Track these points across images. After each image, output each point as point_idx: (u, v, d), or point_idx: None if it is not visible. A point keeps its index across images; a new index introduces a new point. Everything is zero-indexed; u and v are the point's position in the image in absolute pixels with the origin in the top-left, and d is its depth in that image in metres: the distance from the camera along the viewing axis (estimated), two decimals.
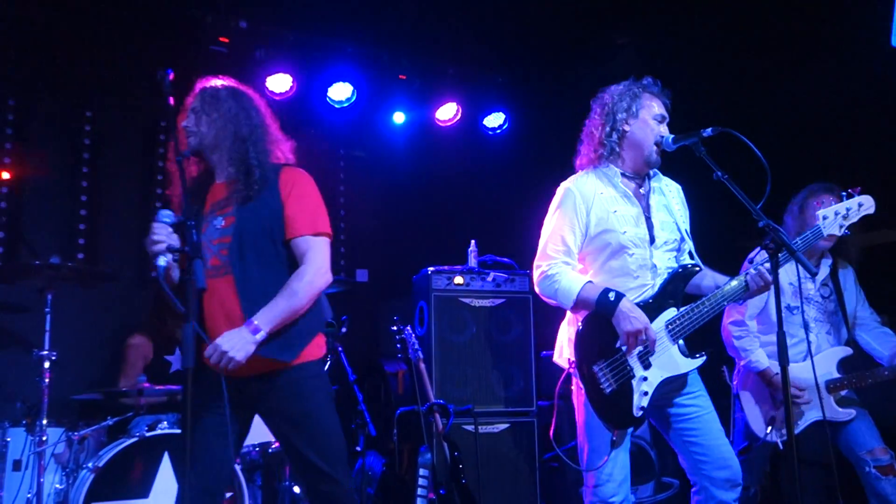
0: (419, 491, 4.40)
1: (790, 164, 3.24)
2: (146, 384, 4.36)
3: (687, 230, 3.22)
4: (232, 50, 5.56)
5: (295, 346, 2.76)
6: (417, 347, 4.66)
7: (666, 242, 3.12)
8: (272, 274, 2.74)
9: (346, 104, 6.01)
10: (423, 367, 4.63)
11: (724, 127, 2.91)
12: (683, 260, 3.20)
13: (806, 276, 3.80)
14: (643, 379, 2.96)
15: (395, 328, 4.70)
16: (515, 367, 5.22)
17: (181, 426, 2.76)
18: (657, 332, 2.98)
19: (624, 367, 2.97)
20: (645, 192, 3.18)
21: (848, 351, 3.89)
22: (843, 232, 3.24)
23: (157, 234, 2.52)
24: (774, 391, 3.84)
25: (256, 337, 2.61)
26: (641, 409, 2.95)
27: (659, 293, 3.04)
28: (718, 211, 3.78)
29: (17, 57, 5.26)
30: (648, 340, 2.93)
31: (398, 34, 5.93)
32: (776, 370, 3.69)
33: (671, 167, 3.27)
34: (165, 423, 4.18)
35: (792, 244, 2.79)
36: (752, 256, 3.70)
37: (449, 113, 6.51)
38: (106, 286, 5.00)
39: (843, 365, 3.85)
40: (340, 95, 5.99)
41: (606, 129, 3.15)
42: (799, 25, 5.11)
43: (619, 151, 3.15)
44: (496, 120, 6.66)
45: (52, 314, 4.17)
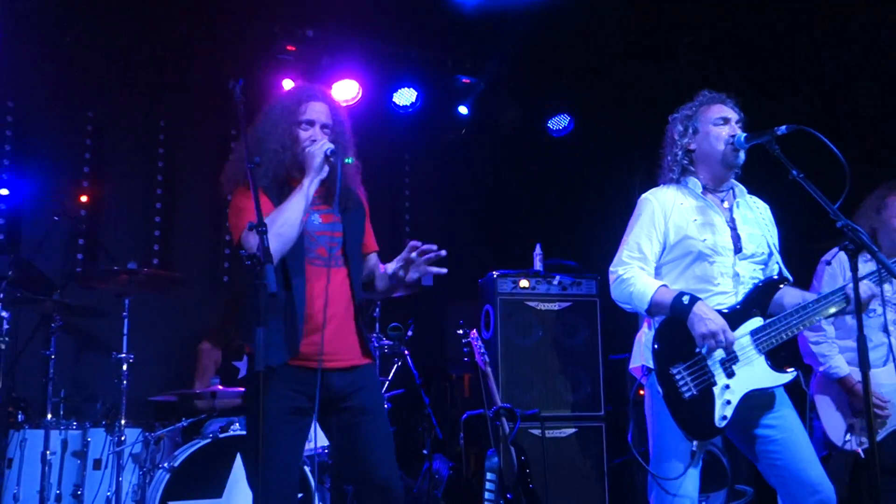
0: (486, 495, 4.39)
1: (863, 163, 3.12)
2: (219, 387, 4.46)
3: (776, 245, 3.13)
4: (299, 57, 5.68)
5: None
6: (483, 351, 4.66)
7: (753, 255, 3.04)
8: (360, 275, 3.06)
9: (409, 108, 6.06)
10: (489, 371, 4.63)
11: (798, 124, 2.83)
12: (771, 273, 3.11)
13: (887, 277, 3.65)
14: (726, 387, 2.86)
15: (461, 332, 4.71)
16: (582, 370, 5.17)
17: (249, 429, 2.84)
18: (742, 341, 2.89)
19: (704, 371, 2.88)
20: (729, 205, 3.12)
21: None
22: None
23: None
24: (854, 399, 3.70)
25: None
26: (724, 418, 2.84)
27: (744, 301, 2.95)
28: (791, 212, 3.67)
29: (93, 69, 5.45)
30: (727, 343, 2.84)
31: (459, 37, 5.94)
32: (857, 377, 3.56)
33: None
34: (237, 424, 4.26)
35: (892, 265, 2.66)
36: (827, 258, 3.58)
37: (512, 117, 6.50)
38: (180, 291, 5.13)
39: None
40: (405, 100, 6.04)
41: (674, 152, 3.14)
42: (876, 17, 4.94)
43: (693, 169, 3.12)
44: (560, 122, 6.62)
45: (129, 318, 4.32)
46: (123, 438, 4.14)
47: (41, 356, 4.43)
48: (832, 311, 2.88)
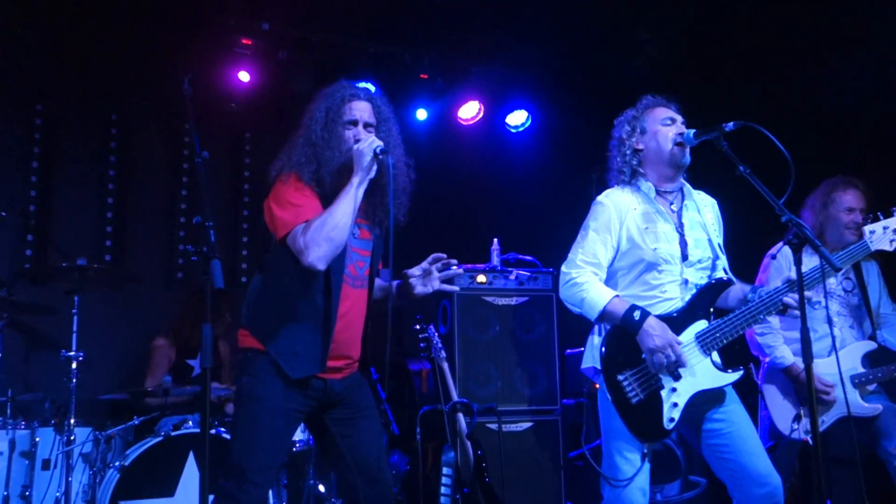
0: (443, 490, 4.40)
1: (809, 159, 3.18)
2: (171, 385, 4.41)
3: (720, 245, 3.19)
4: (255, 51, 5.65)
5: None
6: (440, 346, 4.66)
7: (700, 261, 3.11)
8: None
9: None
10: (446, 365, 4.63)
11: (745, 121, 2.87)
12: (716, 276, 3.16)
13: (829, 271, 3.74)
14: (672, 390, 2.92)
15: (417, 327, 4.70)
16: (539, 365, 5.20)
17: (200, 426, 2.82)
18: (687, 343, 2.94)
19: (651, 376, 2.94)
20: (678, 208, 3.16)
21: (872, 345, 3.81)
22: (894, 247, 3.19)
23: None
24: (800, 388, 3.78)
25: None
26: (672, 420, 2.91)
27: (687, 306, 3.02)
28: (740, 207, 3.73)
29: (44, 62, 5.33)
30: (675, 357, 2.89)
31: (419, 33, 5.92)
32: (802, 366, 3.64)
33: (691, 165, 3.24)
34: (190, 422, 4.22)
35: (835, 259, 2.72)
36: (772, 252, 3.65)
37: (471, 111, 6.50)
38: (132, 288, 5.06)
39: (868, 359, 3.78)
40: None
41: (623, 152, 3.18)
42: (820, 20, 5.04)
43: (642, 171, 3.15)
44: (519, 118, 6.64)
45: (79, 316, 4.23)
46: (73, 438, 4.06)
47: None
48: (770, 315, 2.97)
